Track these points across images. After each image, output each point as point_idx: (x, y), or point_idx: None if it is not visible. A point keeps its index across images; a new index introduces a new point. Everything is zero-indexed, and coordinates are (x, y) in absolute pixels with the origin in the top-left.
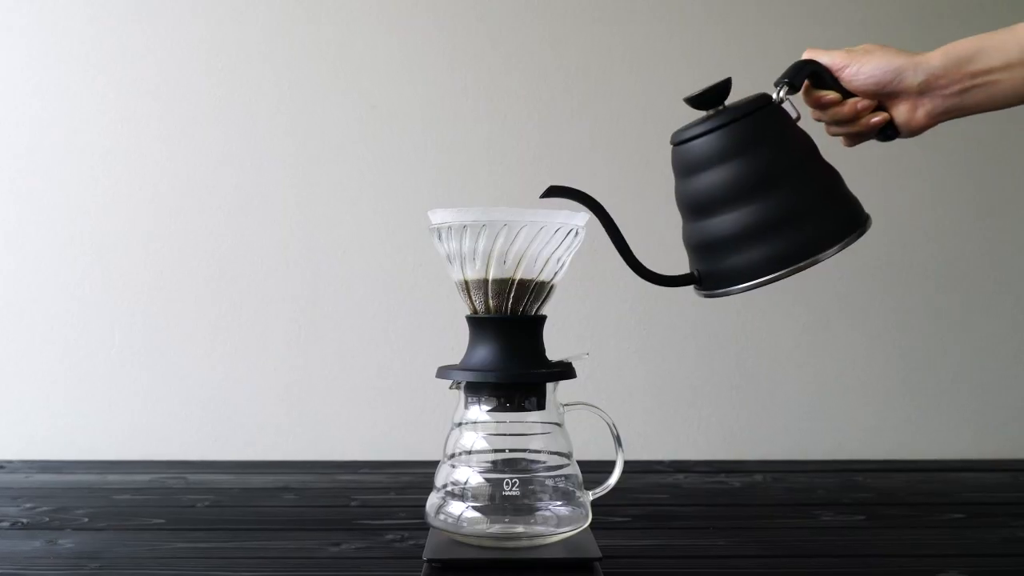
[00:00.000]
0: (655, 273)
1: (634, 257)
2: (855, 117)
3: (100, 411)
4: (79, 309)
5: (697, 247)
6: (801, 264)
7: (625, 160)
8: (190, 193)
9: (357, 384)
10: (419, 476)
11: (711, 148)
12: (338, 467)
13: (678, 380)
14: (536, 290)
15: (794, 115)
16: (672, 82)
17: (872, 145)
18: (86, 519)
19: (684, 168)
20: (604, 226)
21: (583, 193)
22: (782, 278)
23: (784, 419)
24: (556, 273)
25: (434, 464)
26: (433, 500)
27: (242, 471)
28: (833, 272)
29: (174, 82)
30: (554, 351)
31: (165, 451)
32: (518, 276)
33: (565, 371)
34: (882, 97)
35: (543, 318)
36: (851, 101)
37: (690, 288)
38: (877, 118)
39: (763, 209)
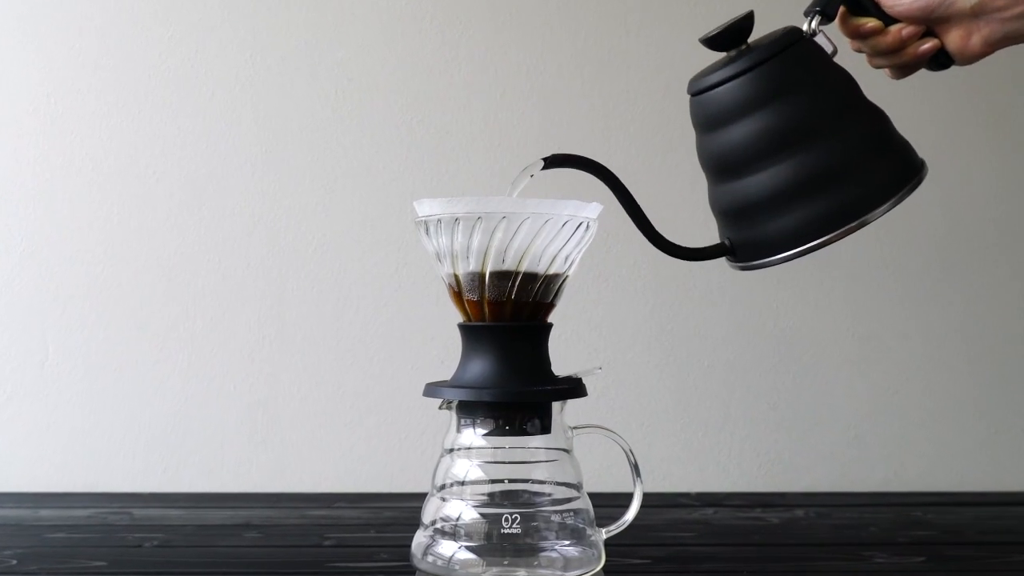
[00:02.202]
0: (679, 246)
1: (654, 229)
2: (900, 46)
3: (30, 435)
4: (5, 316)
5: (727, 212)
6: (850, 226)
7: (643, 144)
8: (136, 180)
9: (331, 404)
10: (404, 511)
11: (737, 96)
12: (309, 500)
13: (706, 399)
14: (544, 286)
15: (829, 49)
16: (695, 47)
17: (925, 80)
18: (14, 561)
19: (706, 121)
20: (617, 195)
21: (591, 161)
22: (828, 243)
23: (830, 444)
24: (569, 268)
25: (421, 497)
26: (420, 539)
27: (197, 505)
28: (888, 271)
29: (116, 51)
30: (561, 365)
31: (107, 482)
32: (523, 268)
33: (574, 388)
34: (930, 22)
35: (548, 326)
36: (895, 29)
37: (720, 290)
38: (927, 45)
39: (802, 164)
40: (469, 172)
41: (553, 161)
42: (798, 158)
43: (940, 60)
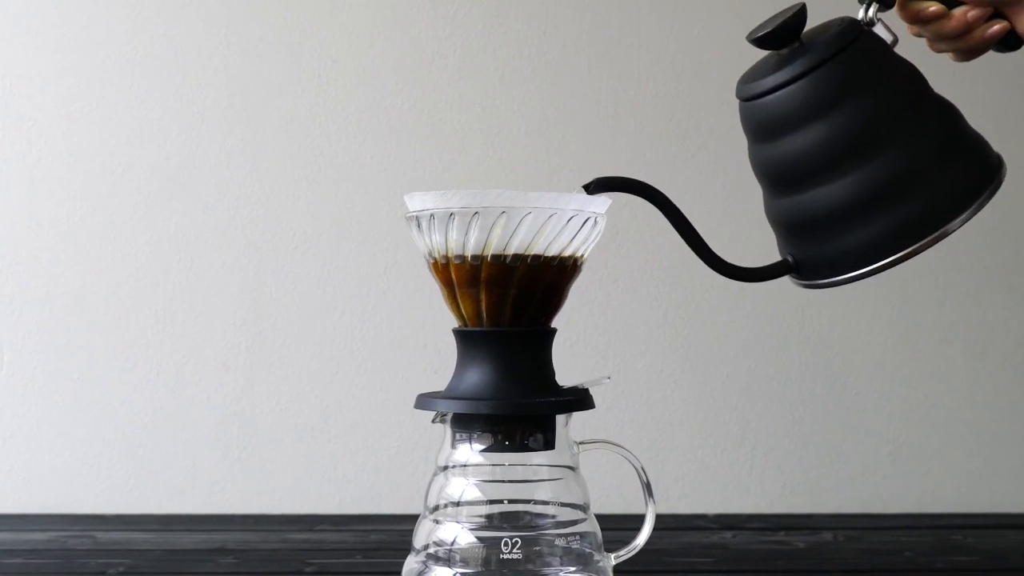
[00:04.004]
0: (739, 267)
1: (711, 252)
2: (966, 30)
3: None
4: None
5: (789, 227)
6: (927, 239)
7: (655, 131)
8: (99, 172)
9: (313, 417)
10: (393, 534)
11: (796, 102)
12: (289, 523)
13: (725, 411)
14: (555, 276)
15: (889, 39)
16: (714, 24)
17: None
18: None
19: (761, 129)
20: (669, 217)
21: (643, 184)
22: (904, 259)
23: (861, 461)
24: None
25: (412, 519)
26: (411, 565)
27: (166, 528)
28: (926, 270)
29: (77, 30)
30: (566, 374)
31: (68, 502)
32: (523, 268)
33: (580, 400)
34: (998, 3)
35: (552, 331)
36: (958, 12)
37: (740, 292)
38: (995, 28)
39: (871, 174)
40: (464, 163)
41: (598, 187)
42: (866, 168)
43: (1009, 42)
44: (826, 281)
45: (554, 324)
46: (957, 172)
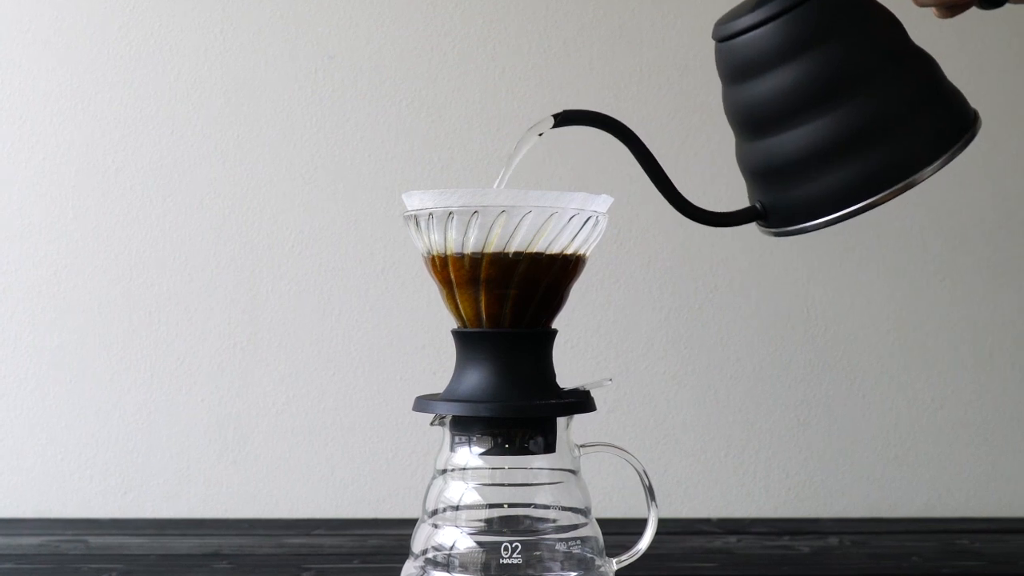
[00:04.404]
0: (706, 211)
1: (678, 193)
2: None
3: None
4: None
5: (759, 172)
6: (895, 187)
7: (659, 128)
8: (92, 171)
9: (310, 419)
10: (391, 539)
11: (770, 43)
12: (285, 527)
13: (729, 414)
14: (555, 276)
15: None
16: (717, 19)
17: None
18: None
19: (734, 71)
20: (637, 155)
21: (606, 117)
22: (872, 207)
23: (867, 465)
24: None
25: (411, 523)
26: (410, 570)
27: (161, 532)
28: (934, 269)
29: (69, 25)
30: (567, 376)
31: (60, 507)
32: (523, 267)
33: (581, 402)
34: None
35: (553, 332)
36: None
37: (744, 291)
38: None
39: (843, 119)
40: (464, 161)
41: (564, 118)
42: (838, 112)
43: None
44: (793, 228)
45: (555, 325)
46: (931, 121)
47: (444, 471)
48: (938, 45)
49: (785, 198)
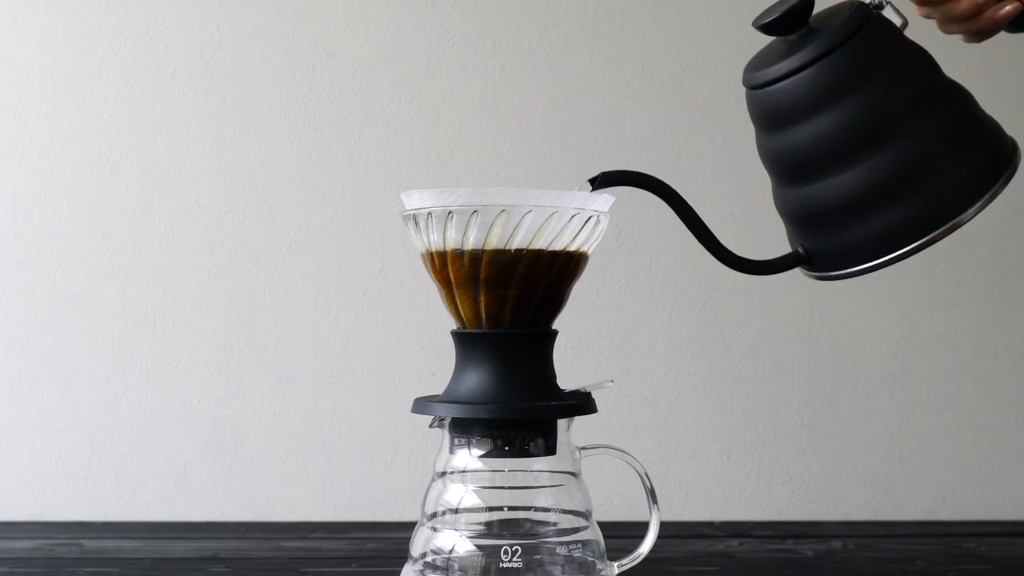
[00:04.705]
0: (749, 261)
1: (721, 245)
2: (976, 11)
3: None
4: None
5: (800, 218)
6: (941, 230)
7: (660, 125)
8: (88, 170)
9: (307, 421)
10: (389, 542)
11: (806, 90)
12: (283, 530)
13: (732, 415)
14: (556, 277)
15: (899, 23)
16: (720, 15)
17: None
18: None
19: (770, 118)
20: (678, 212)
21: (650, 177)
22: (918, 251)
23: (871, 467)
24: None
25: (409, 527)
26: (409, 574)
27: (156, 536)
28: (938, 271)
29: (65, 23)
30: (568, 378)
31: (55, 510)
32: (524, 267)
33: (582, 404)
34: None
35: (553, 333)
36: None
37: (747, 293)
38: (1007, 9)
39: (884, 164)
40: (464, 159)
41: (604, 181)
42: (878, 157)
43: (1020, 23)
44: (839, 273)
45: (555, 326)
46: (970, 160)
47: (443, 474)
48: (967, 73)
49: (828, 244)
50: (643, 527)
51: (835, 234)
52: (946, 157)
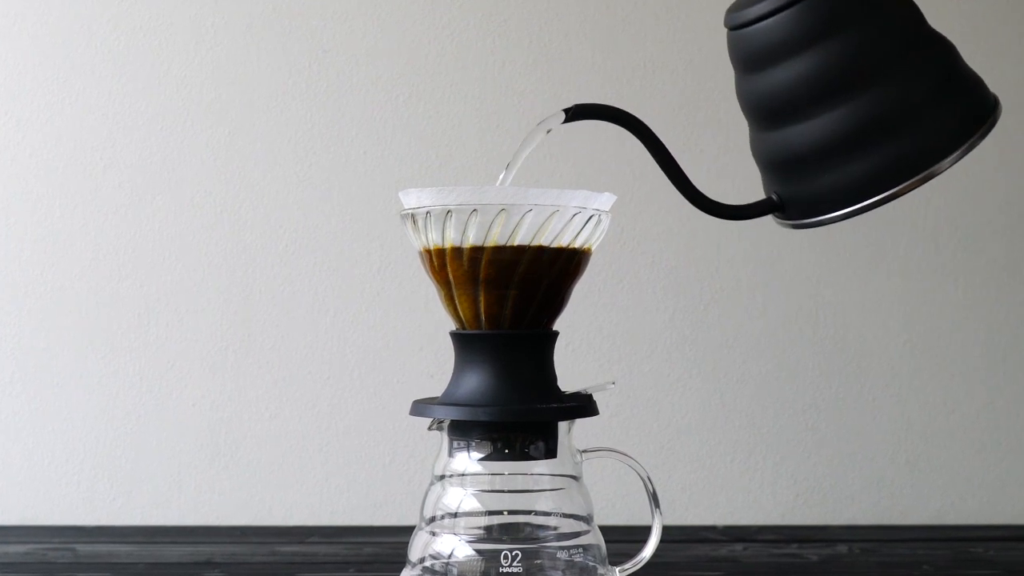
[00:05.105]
0: (721, 204)
1: (692, 186)
2: None
3: None
4: None
5: (775, 163)
6: (916, 178)
7: (664, 123)
8: (79, 168)
9: (304, 424)
10: (387, 547)
11: (786, 31)
12: (279, 535)
13: (735, 418)
14: (557, 277)
15: None
16: (723, 10)
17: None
18: None
19: (749, 60)
20: (650, 149)
21: (620, 111)
22: (892, 198)
23: (878, 470)
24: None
25: (407, 531)
26: None
27: (150, 540)
28: (947, 270)
29: (56, 19)
30: (569, 379)
31: (47, 514)
32: (524, 266)
33: (583, 406)
34: None
35: (554, 334)
36: None
37: (751, 292)
38: None
39: (861, 108)
40: (463, 157)
41: (576, 113)
42: (857, 101)
43: None
44: (812, 220)
45: (556, 326)
46: (950, 110)
47: (442, 477)
48: (953, 28)
49: (803, 189)
50: (645, 531)
51: (809, 180)
52: (926, 105)
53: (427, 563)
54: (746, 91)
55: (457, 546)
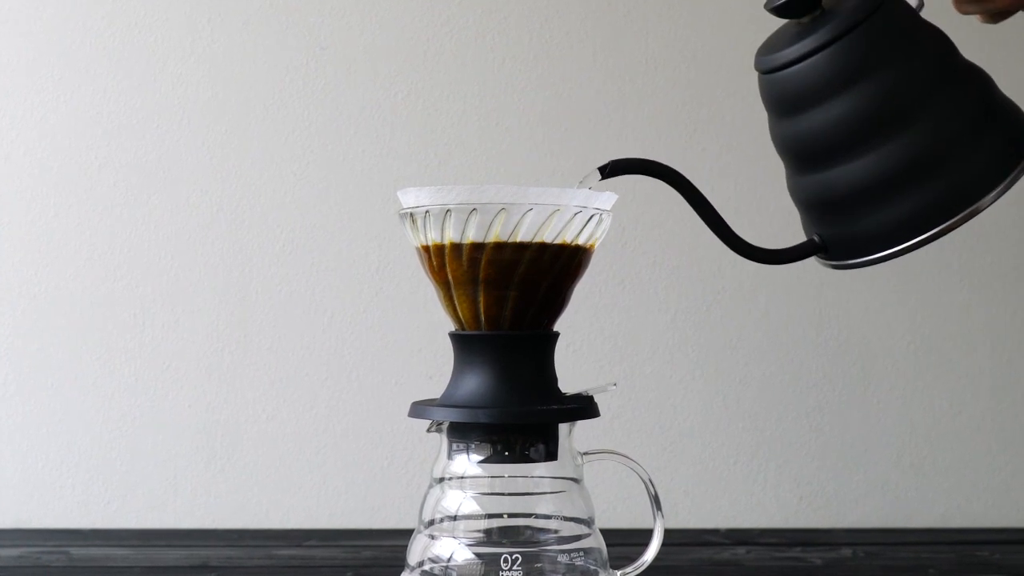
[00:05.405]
0: (763, 249)
1: (733, 234)
2: None
3: None
4: None
5: (815, 205)
6: (960, 215)
7: (665, 121)
8: (75, 167)
9: (301, 426)
10: (385, 550)
11: (820, 74)
12: (276, 538)
13: (738, 420)
14: (557, 277)
15: (915, 3)
16: (726, 7)
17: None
18: None
19: (783, 103)
20: (690, 201)
21: (661, 165)
22: (937, 237)
23: (882, 473)
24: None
25: (406, 534)
26: None
27: (146, 543)
28: (952, 271)
29: (50, 16)
30: (569, 381)
31: (41, 516)
32: (524, 266)
33: (584, 408)
34: None
35: (555, 335)
36: None
37: (754, 294)
38: None
39: (901, 148)
40: (462, 156)
41: (613, 170)
42: (895, 142)
43: None
44: (856, 261)
45: (556, 327)
46: (989, 145)
47: (441, 480)
48: (986, 54)
49: (845, 231)
50: (647, 535)
51: (851, 221)
52: (964, 141)
53: (426, 567)
54: (782, 135)
55: (456, 549)
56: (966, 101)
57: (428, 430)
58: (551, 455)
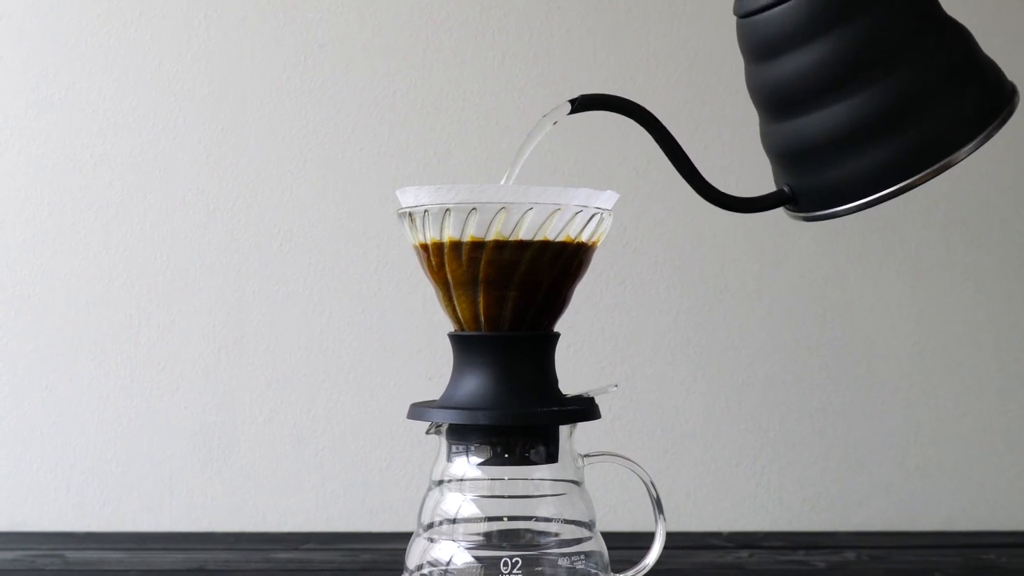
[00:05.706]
0: (731, 197)
1: (702, 178)
2: None
3: None
4: None
5: (786, 154)
6: (931, 169)
7: (668, 120)
8: (69, 165)
9: (299, 428)
10: (384, 553)
11: (796, 18)
12: (273, 541)
13: (741, 422)
14: (558, 277)
15: None
16: (729, 5)
17: None
18: None
19: (759, 48)
20: (659, 140)
21: (626, 101)
22: (906, 189)
23: (887, 476)
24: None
25: (405, 537)
26: None
27: (142, 546)
28: (957, 269)
29: (45, 12)
30: (570, 382)
31: (35, 519)
32: (524, 266)
33: (585, 410)
34: None
35: (555, 336)
36: None
37: (757, 293)
38: None
39: (874, 98)
40: (461, 155)
41: (583, 103)
42: (870, 91)
43: None
44: (825, 212)
45: (557, 328)
46: (966, 98)
47: (440, 482)
48: (969, 15)
49: (815, 181)
50: (649, 538)
51: (822, 171)
52: (941, 93)
53: (425, 570)
54: (756, 81)
55: (456, 553)
56: (944, 53)
57: (427, 432)
58: (551, 457)
